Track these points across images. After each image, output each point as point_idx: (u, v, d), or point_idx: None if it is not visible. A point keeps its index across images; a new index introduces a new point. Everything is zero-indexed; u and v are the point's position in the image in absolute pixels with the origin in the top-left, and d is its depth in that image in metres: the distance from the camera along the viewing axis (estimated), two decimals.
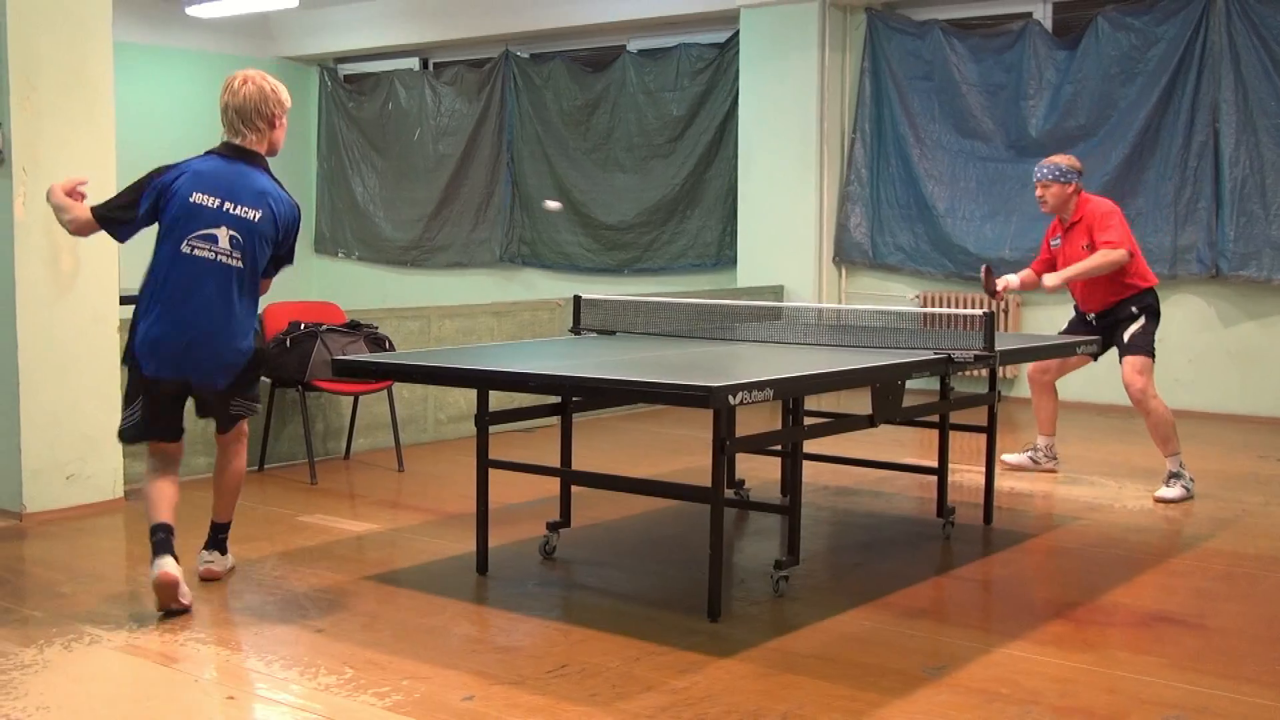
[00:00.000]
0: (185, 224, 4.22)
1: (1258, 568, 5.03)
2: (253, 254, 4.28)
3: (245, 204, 4.26)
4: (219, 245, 4.22)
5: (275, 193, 4.34)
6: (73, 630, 4.11)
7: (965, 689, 3.64)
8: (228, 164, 4.31)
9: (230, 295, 4.27)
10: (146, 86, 13.03)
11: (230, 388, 4.40)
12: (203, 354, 4.27)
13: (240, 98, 4.30)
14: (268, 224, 4.30)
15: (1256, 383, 8.96)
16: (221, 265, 4.24)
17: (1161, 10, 9.16)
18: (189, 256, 4.22)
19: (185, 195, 4.22)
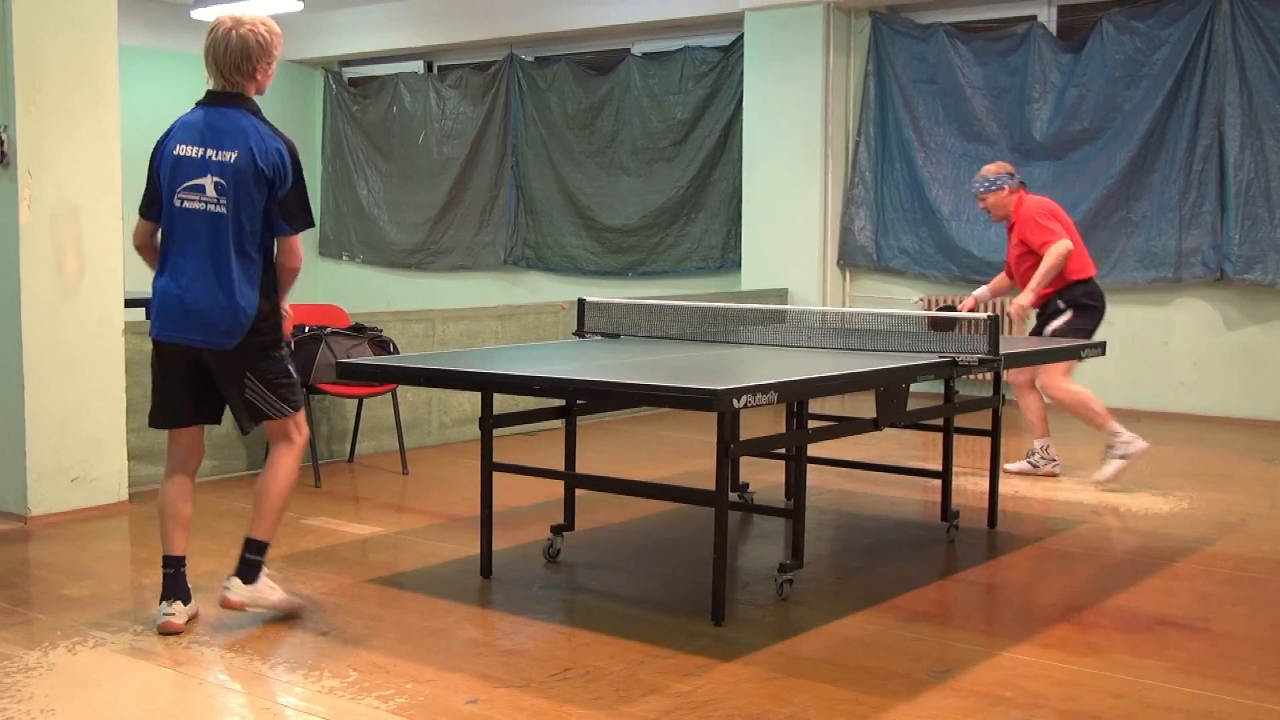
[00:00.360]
0: (174, 178, 4.04)
1: (1263, 571, 5.03)
2: (237, 198, 3.99)
3: (225, 147, 4.01)
4: (206, 194, 3.99)
5: (257, 130, 4.04)
6: (77, 633, 4.11)
7: (969, 693, 3.64)
8: (209, 111, 4.08)
9: (224, 245, 3.99)
10: (151, 90, 13.02)
11: (242, 359, 4.04)
12: (200, 308, 4.00)
13: (221, 49, 4.04)
14: (247, 163, 3.98)
15: (1261, 386, 8.95)
16: (210, 214, 3.99)
17: (1166, 13, 9.16)
18: (180, 209, 4.03)
19: (170, 151, 4.06)
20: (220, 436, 6.66)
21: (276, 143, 4.04)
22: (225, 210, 3.99)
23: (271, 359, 4.12)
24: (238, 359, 4.05)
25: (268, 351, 4.11)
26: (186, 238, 4.03)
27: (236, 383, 4.10)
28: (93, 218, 5.81)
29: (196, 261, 4.01)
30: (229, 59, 4.03)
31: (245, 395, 4.12)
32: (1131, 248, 9.30)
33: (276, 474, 4.21)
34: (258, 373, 4.10)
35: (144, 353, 6.30)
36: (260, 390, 4.12)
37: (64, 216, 5.71)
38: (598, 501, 5.83)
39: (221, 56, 4.04)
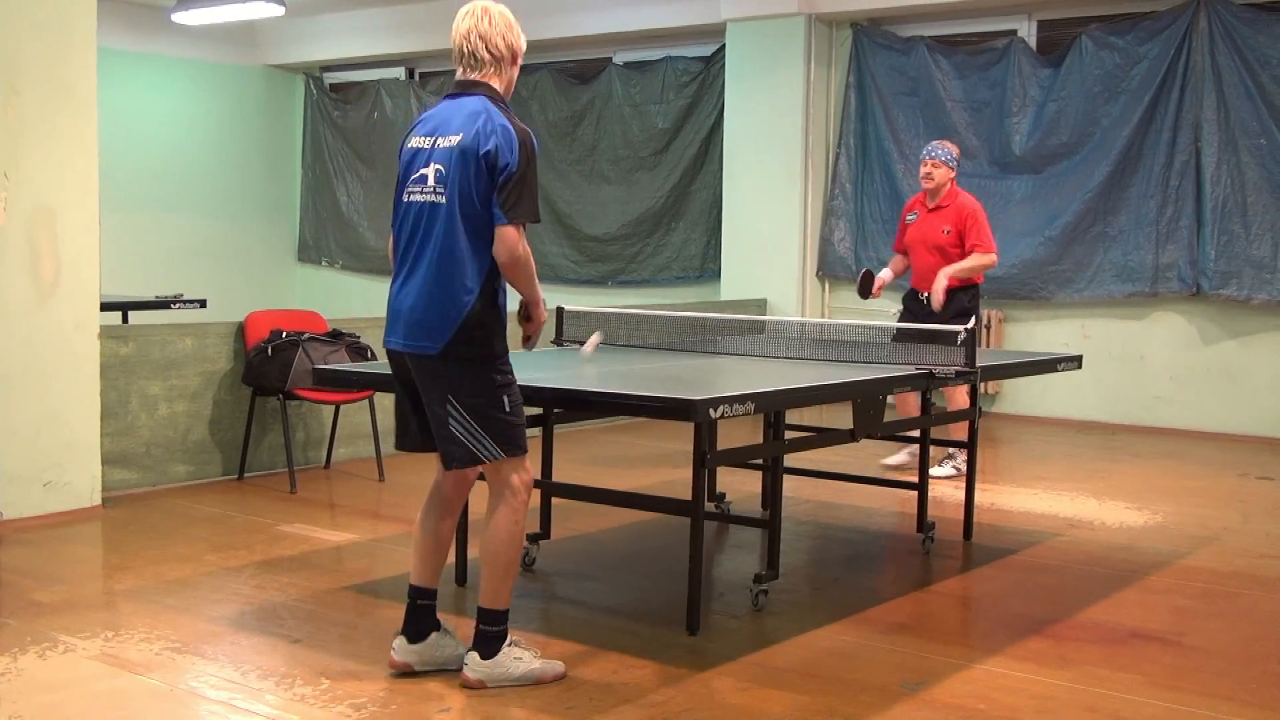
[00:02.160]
0: (406, 173, 3.71)
1: (1237, 586, 5.05)
2: (458, 183, 3.53)
3: (451, 131, 3.60)
4: (427, 185, 3.61)
5: (488, 110, 3.60)
6: (47, 638, 4.08)
7: (944, 705, 3.64)
8: (450, 101, 3.72)
9: (439, 237, 3.55)
10: (130, 93, 13.00)
11: (445, 372, 3.55)
12: (407, 305, 3.58)
13: (485, 21, 3.71)
14: (471, 144, 3.53)
15: (1237, 401, 9.00)
16: (430, 205, 3.59)
17: (1145, 30, 9.21)
18: (406, 204, 3.67)
19: (408, 143, 3.75)
20: (195, 441, 6.63)
21: (504, 123, 3.58)
22: (441, 199, 3.57)
23: (481, 379, 3.57)
24: (441, 371, 3.56)
25: (478, 369, 3.57)
26: (409, 233, 3.64)
27: (440, 405, 3.58)
28: (70, 221, 5.77)
29: (414, 256, 3.61)
30: (494, 30, 3.72)
31: (449, 427, 3.57)
32: (1109, 262, 9.35)
33: (494, 533, 3.66)
34: (462, 395, 3.55)
35: (119, 357, 6.29)
36: (465, 420, 3.56)
37: (40, 220, 5.67)
38: (574, 510, 5.82)
39: (486, 27, 3.71)
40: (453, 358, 3.54)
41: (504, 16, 3.75)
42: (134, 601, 4.54)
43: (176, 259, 13.25)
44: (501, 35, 3.72)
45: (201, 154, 13.68)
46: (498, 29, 3.72)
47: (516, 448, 3.64)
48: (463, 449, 3.58)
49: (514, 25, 3.78)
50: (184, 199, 13.53)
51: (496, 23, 3.72)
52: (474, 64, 3.72)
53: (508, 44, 3.75)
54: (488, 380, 3.58)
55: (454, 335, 3.52)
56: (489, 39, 3.70)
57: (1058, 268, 9.47)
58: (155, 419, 6.49)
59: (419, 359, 3.58)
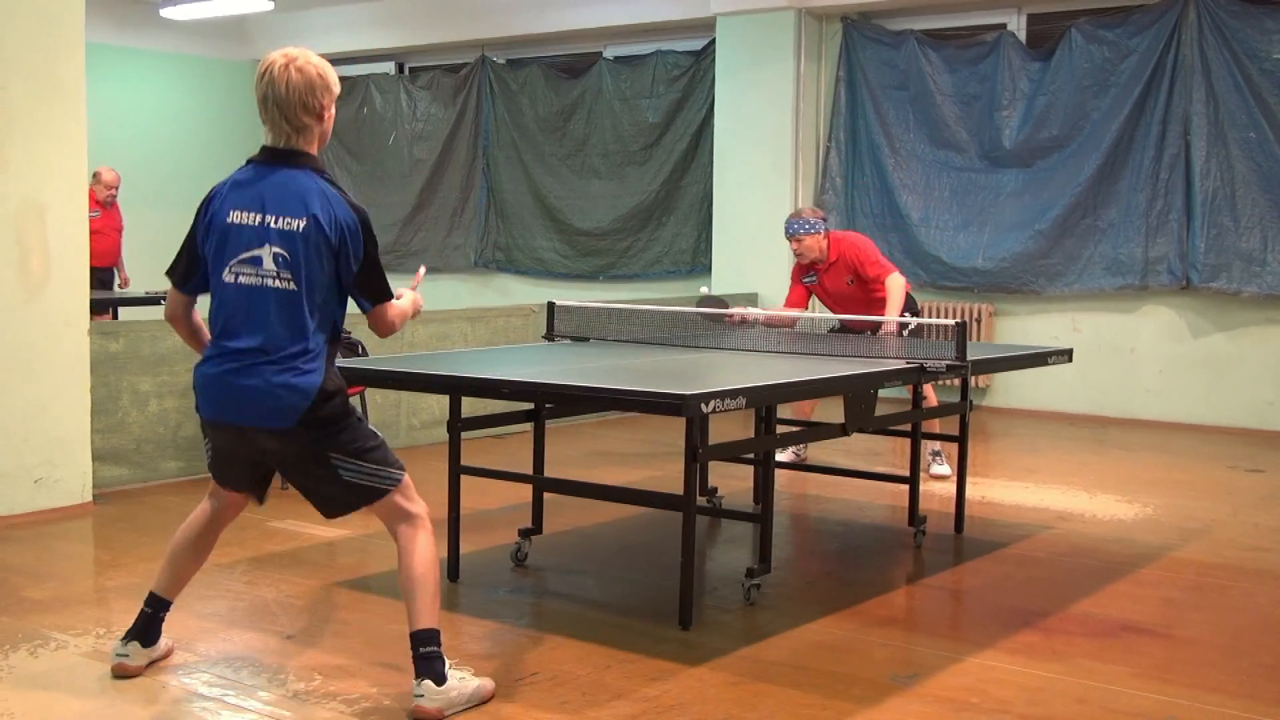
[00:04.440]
0: (227, 249, 3.48)
1: (1226, 578, 5.07)
2: (307, 273, 3.42)
3: (288, 214, 3.44)
4: (264, 267, 3.43)
5: (327, 195, 3.47)
6: (39, 636, 4.07)
7: (935, 698, 3.65)
8: (267, 171, 3.51)
9: (283, 322, 3.43)
10: (119, 88, 12.96)
11: (311, 436, 3.46)
12: (255, 392, 3.43)
13: (283, 88, 3.45)
14: (315, 233, 3.41)
15: (1226, 393, 9.02)
16: (270, 290, 3.43)
17: (1134, 23, 9.23)
18: (234, 285, 3.46)
19: (223, 217, 3.49)
20: (185, 438, 6.62)
21: (345, 207, 3.48)
22: (289, 286, 3.43)
23: (349, 428, 3.52)
24: (306, 438, 3.48)
25: (342, 419, 3.51)
26: (241, 316, 3.47)
27: (320, 465, 3.52)
28: (59, 217, 5.76)
29: (255, 341, 3.44)
30: (293, 98, 3.45)
31: (342, 477, 3.52)
32: (1098, 255, 9.36)
33: (414, 557, 3.55)
34: (341, 448, 3.50)
35: (109, 353, 6.27)
36: (354, 465, 3.52)
37: (29, 215, 5.66)
38: (566, 505, 5.82)
39: (283, 95, 3.45)
40: (314, 422, 3.45)
41: (304, 75, 3.47)
42: (126, 598, 4.53)
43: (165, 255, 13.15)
44: (300, 101, 3.48)
45: (190, 149, 13.64)
46: (296, 94, 3.47)
47: (400, 465, 3.61)
48: (362, 490, 3.55)
49: (316, 80, 3.49)
50: (173, 194, 13.44)
51: (296, 87, 3.46)
52: (278, 135, 3.52)
53: (310, 109, 3.50)
54: (352, 425, 3.53)
55: (309, 408, 3.43)
56: (288, 107, 3.48)
57: (1048, 261, 9.49)
58: (146, 415, 6.48)
59: (270, 434, 3.48)
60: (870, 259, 6.81)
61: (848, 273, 6.83)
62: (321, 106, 3.53)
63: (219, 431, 3.60)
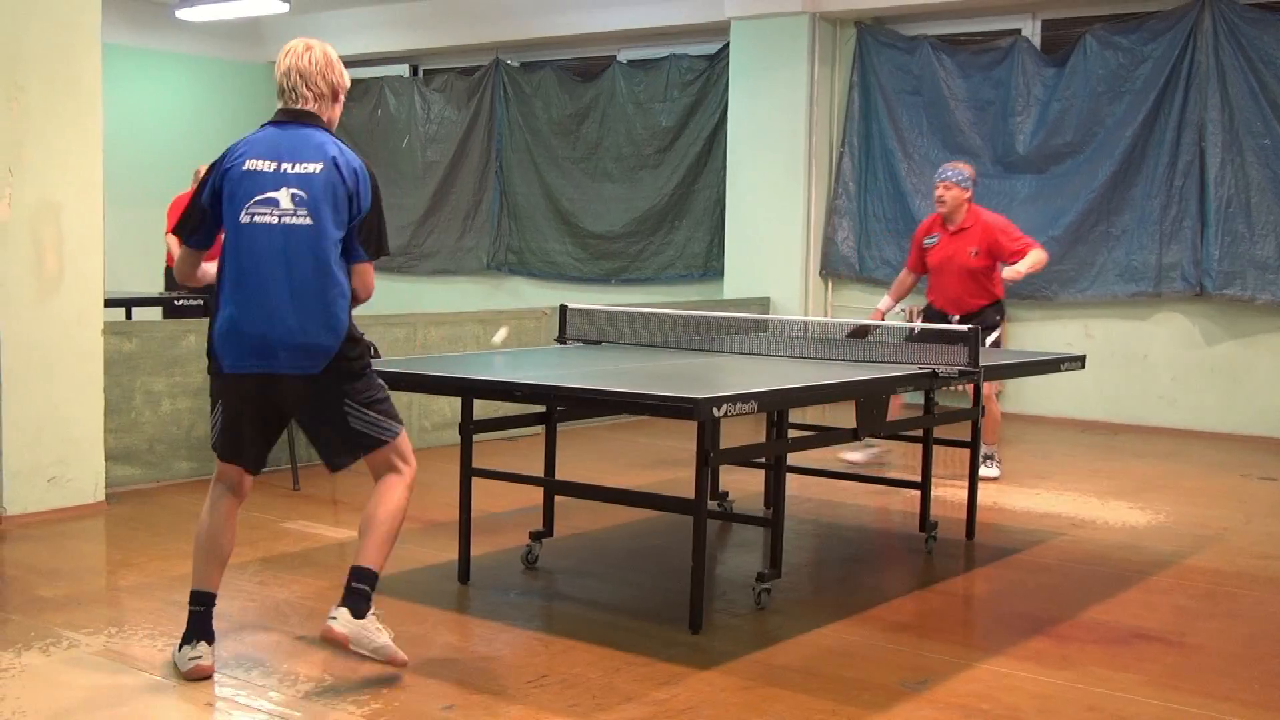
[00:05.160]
0: (243, 193, 3.67)
1: (1238, 586, 5.05)
2: (320, 210, 3.64)
3: (305, 159, 3.68)
4: (281, 207, 3.63)
5: (341, 149, 3.75)
6: (51, 634, 4.09)
7: (945, 704, 3.65)
8: (284, 129, 3.77)
9: (305, 259, 3.63)
10: (135, 89, 13.01)
11: (332, 382, 3.68)
12: (285, 330, 3.61)
13: (305, 60, 3.78)
14: (332, 174, 3.67)
15: (1239, 401, 9.00)
16: (287, 227, 3.63)
17: (1149, 29, 9.21)
18: (249, 225, 3.64)
19: (240, 165, 3.70)
20: (198, 438, 6.64)
21: (357, 161, 3.76)
22: (306, 221, 3.64)
23: (365, 377, 3.77)
24: (329, 383, 3.68)
25: (361, 368, 3.75)
26: (260, 256, 3.64)
27: (333, 410, 3.72)
28: (74, 217, 5.78)
29: (275, 281, 3.63)
30: (314, 69, 3.79)
31: (350, 424, 3.74)
32: (1112, 261, 9.34)
33: (387, 500, 3.78)
34: (356, 395, 3.73)
35: (123, 353, 6.29)
36: (363, 413, 3.75)
37: (44, 215, 5.68)
38: (577, 508, 5.82)
39: (305, 65, 3.79)
40: (339, 370, 3.68)
41: (324, 55, 3.84)
42: (138, 597, 4.55)
43: None
44: (321, 73, 3.82)
45: (205, 151, 13.52)
46: (317, 67, 3.81)
47: (400, 420, 3.89)
48: (364, 439, 3.77)
49: (335, 63, 3.86)
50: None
51: (316, 60, 3.82)
52: (295, 99, 3.82)
53: (328, 81, 3.84)
54: (368, 375, 3.78)
55: (338, 351, 3.67)
56: (308, 76, 3.81)
57: (1061, 267, 9.46)
58: (159, 415, 6.50)
59: (297, 378, 3.67)
60: (1014, 232, 6.92)
61: (976, 243, 6.88)
62: (337, 85, 3.86)
63: (241, 383, 3.70)
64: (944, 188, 6.91)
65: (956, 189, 6.91)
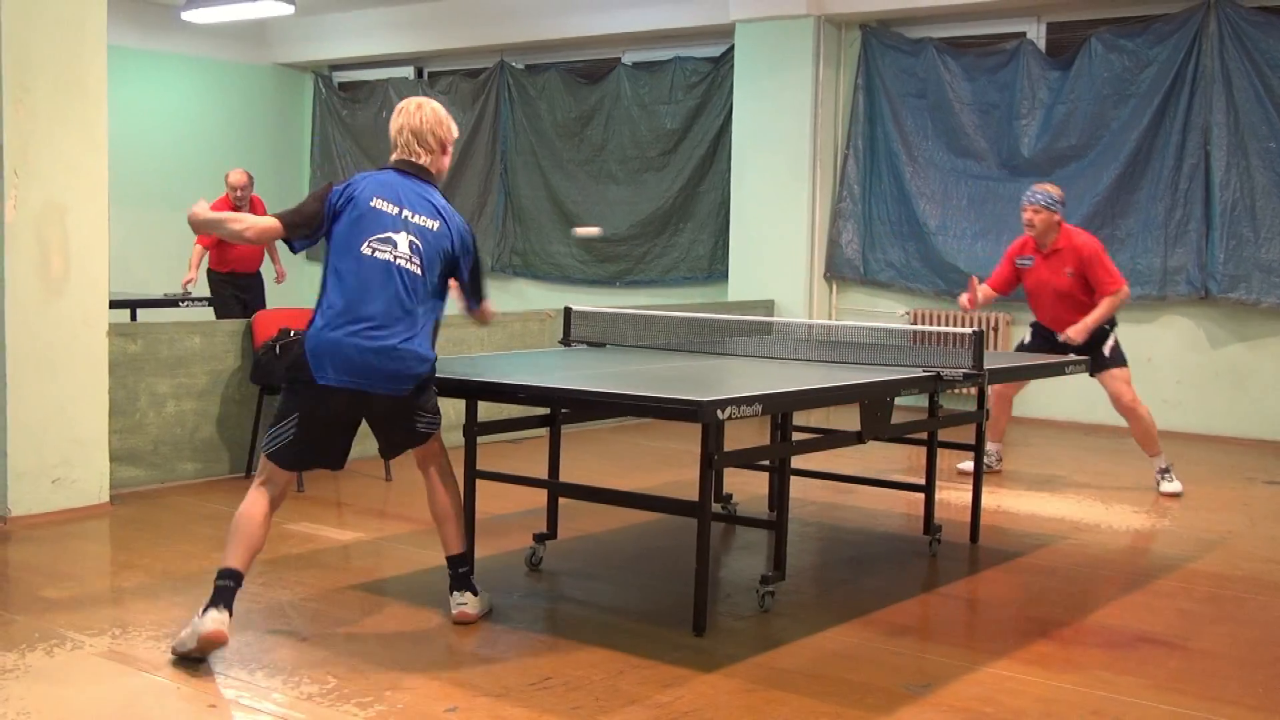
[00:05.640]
0: (366, 227, 4.08)
1: (1243, 590, 5.04)
2: (431, 263, 4.14)
3: (424, 214, 4.16)
4: (399, 250, 4.07)
5: (449, 209, 4.26)
6: (55, 635, 4.09)
7: (949, 707, 3.64)
8: (403, 178, 4.22)
9: (412, 300, 4.09)
10: (141, 91, 13.02)
11: (412, 396, 4.17)
12: (383, 358, 4.03)
13: (417, 120, 4.23)
14: (444, 236, 4.17)
15: (1244, 404, 8.98)
16: (401, 269, 4.07)
17: (1155, 33, 9.20)
18: (370, 258, 4.06)
19: (365, 200, 4.11)
20: (203, 440, 6.64)
21: (463, 222, 4.28)
22: (417, 270, 4.11)
23: (431, 390, 4.31)
24: (411, 400, 4.20)
25: (431, 386, 4.30)
26: (374, 286, 4.06)
27: (407, 418, 4.25)
28: (79, 218, 5.79)
29: (385, 312, 4.06)
30: (425, 126, 4.23)
31: (417, 427, 4.29)
32: (1117, 265, 9.28)
33: (453, 491, 4.41)
34: (427, 406, 4.29)
35: (127, 354, 6.30)
36: (425, 416, 4.30)
37: (50, 217, 5.69)
38: (581, 510, 5.82)
39: (417, 124, 4.23)
40: (419, 390, 4.21)
41: (434, 113, 4.28)
42: (142, 599, 4.55)
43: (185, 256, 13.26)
44: (431, 130, 4.26)
45: (210, 152, 13.68)
46: (428, 125, 4.26)
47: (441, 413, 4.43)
48: (422, 436, 4.32)
49: (444, 120, 4.30)
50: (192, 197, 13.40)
51: (427, 119, 4.26)
52: (409, 153, 4.26)
53: (438, 138, 4.27)
54: (433, 388, 4.33)
55: (424, 378, 4.20)
56: (420, 135, 4.25)
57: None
58: (163, 417, 6.51)
59: (385, 397, 4.14)
60: (1102, 264, 6.80)
61: (1070, 265, 6.78)
62: (445, 139, 4.30)
63: (331, 396, 4.08)
64: (1032, 211, 6.78)
65: (1045, 212, 6.76)
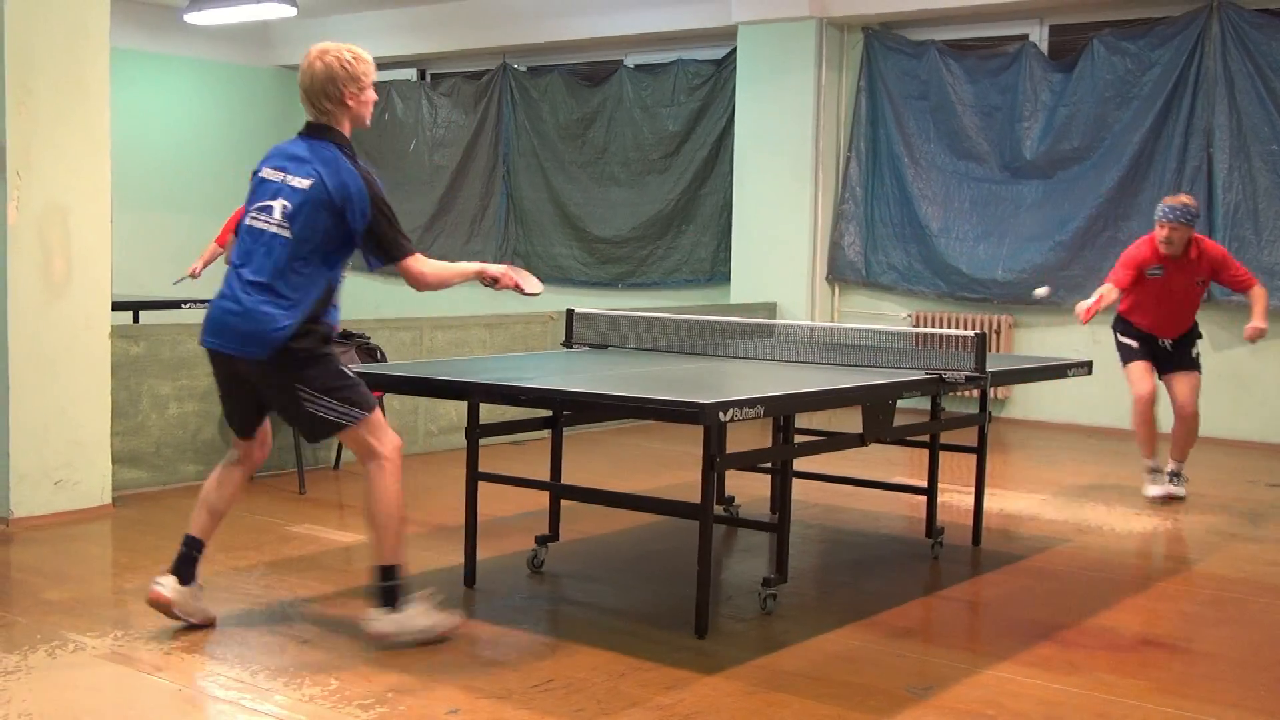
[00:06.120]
0: (253, 198, 4.09)
1: (1245, 593, 5.04)
2: (303, 226, 3.94)
3: (300, 175, 3.99)
4: (273, 216, 3.98)
5: (335, 162, 3.99)
6: (57, 637, 4.09)
7: (951, 710, 3.64)
8: (301, 140, 4.10)
9: (277, 266, 3.94)
10: (143, 93, 13.03)
11: (282, 371, 3.94)
12: (238, 320, 3.93)
13: (307, 80, 4.06)
14: (318, 193, 3.94)
15: (1247, 407, 8.97)
16: (272, 235, 3.97)
17: (1157, 35, 9.20)
18: (248, 227, 4.05)
19: (259, 172, 4.11)
20: (205, 441, 6.65)
21: (349, 174, 3.98)
22: (286, 234, 3.97)
23: (318, 365, 3.99)
24: (276, 368, 3.95)
25: (312, 357, 3.98)
26: (245, 253, 4.02)
27: (286, 390, 3.99)
28: (81, 220, 5.79)
29: (247, 277, 3.97)
30: (314, 85, 4.05)
31: (304, 408, 3.99)
32: None
33: (374, 497, 4.04)
34: (307, 380, 3.97)
35: (130, 356, 6.31)
36: (320, 399, 3.98)
37: (52, 218, 5.69)
38: (582, 512, 5.82)
39: (307, 83, 4.06)
40: (289, 358, 3.94)
41: (325, 68, 4.05)
42: (143, 600, 4.54)
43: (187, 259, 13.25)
44: (322, 90, 4.05)
45: (213, 154, 13.71)
46: (317, 84, 4.05)
47: (368, 406, 4.05)
48: (324, 423, 4.02)
49: (336, 72, 4.04)
50: (195, 199, 13.55)
51: (317, 77, 4.05)
52: (313, 111, 4.11)
53: (330, 95, 4.05)
54: (323, 363, 4.00)
55: (281, 345, 3.92)
56: (311, 95, 4.07)
57: (1068, 273, 9.45)
58: (165, 418, 6.51)
59: (246, 361, 3.99)
60: (1234, 261, 6.74)
61: (1202, 273, 6.62)
62: (343, 94, 4.06)
63: (214, 361, 4.13)
64: (1171, 229, 6.45)
65: (1184, 229, 6.47)
